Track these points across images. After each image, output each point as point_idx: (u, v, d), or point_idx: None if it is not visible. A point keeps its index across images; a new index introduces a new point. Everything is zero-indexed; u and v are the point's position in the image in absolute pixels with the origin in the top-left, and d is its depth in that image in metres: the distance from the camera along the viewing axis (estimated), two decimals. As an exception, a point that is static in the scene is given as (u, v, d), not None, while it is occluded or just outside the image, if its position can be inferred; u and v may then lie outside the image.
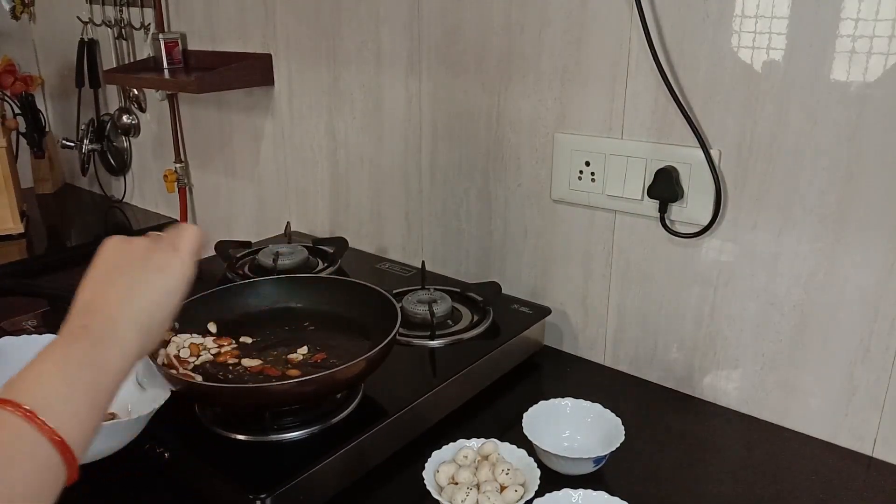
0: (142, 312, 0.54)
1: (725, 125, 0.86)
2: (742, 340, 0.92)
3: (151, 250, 0.58)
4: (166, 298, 0.56)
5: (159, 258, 0.57)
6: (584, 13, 0.95)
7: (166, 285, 0.56)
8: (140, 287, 0.55)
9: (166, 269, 0.57)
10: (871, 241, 0.79)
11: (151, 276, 0.56)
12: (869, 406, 0.84)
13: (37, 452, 0.44)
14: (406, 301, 1.03)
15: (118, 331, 0.52)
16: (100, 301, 0.53)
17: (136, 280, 0.55)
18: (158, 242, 0.59)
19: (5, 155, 1.63)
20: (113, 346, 0.51)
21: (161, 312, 0.55)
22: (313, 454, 0.74)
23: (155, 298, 0.55)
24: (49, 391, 0.46)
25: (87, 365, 0.49)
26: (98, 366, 0.50)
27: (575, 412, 0.85)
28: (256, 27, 1.42)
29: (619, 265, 1.01)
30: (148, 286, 0.55)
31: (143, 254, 0.57)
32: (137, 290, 0.54)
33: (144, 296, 0.55)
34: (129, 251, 0.57)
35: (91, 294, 0.54)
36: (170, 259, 0.58)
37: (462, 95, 1.12)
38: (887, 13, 0.73)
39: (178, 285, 0.57)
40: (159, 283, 0.56)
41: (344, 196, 1.39)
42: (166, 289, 0.56)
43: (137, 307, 0.54)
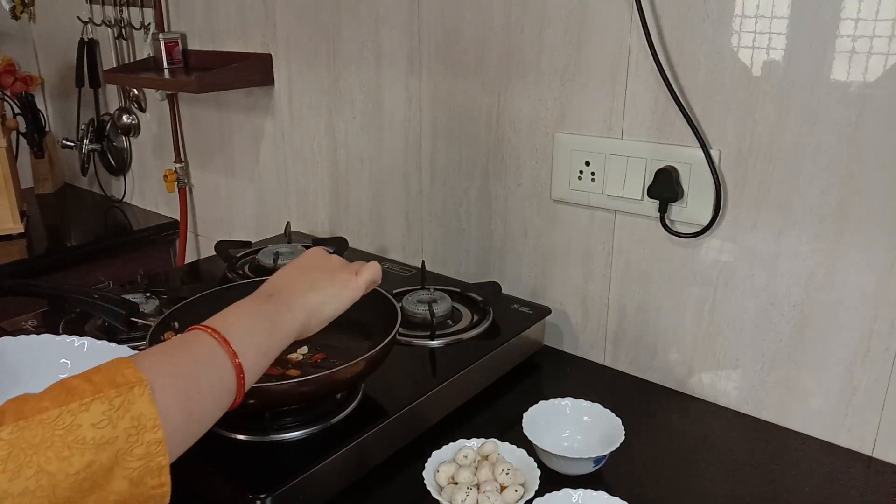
0: (314, 304, 0.67)
1: (725, 125, 0.86)
2: (742, 340, 0.92)
3: (341, 267, 0.73)
4: (332, 305, 0.69)
5: (343, 276, 0.71)
6: (584, 13, 0.95)
7: (338, 296, 0.70)
8: (321, 287, 0.69)
9: (343, 285, 0.71)
10: (871, 241, 0.79)
11: (332, 283, 0.70)
12: (869, 406, 0.84)
13: (221, 368, 0.56)
14: (406, 301, 1.03)
15: (293, 307, 0.66)
16: (288, 284, 0.69)
17: (320, 282, 0.69)
18: (348, 265, 0.74)
19: (5, 155, 1.63)
20: (287, 316, 0.64)
21: (325, 312, 0.69)
22: (313, 454, 0.74)
23: (327, 299, 0.69)
24: (238, 329, 0.59)
25: (268, 319, 0.63)
26: (274, 324, 0.63)
27: (575, 412, 0.85)
28: (256, 27, 1.42)
29: (619, 265, 1.01)
30: (325, 290, 0.69)
31: (335, 267, 0.73)
32: (316, 289, 0.69)
33: (321, 294, 0.68)
34: (325, 260, 0.74)
35: (284, 278, 0.70)
36: (349, 279, 0.71)
37: (462, 95, 1.12)
38: (887, 13, 0.73)
39: (345, 300, 0.70)
40: (333, 291, 0.70)
41: (344, 196, 1.39)
42: (336, 298, 0.70)
43: (313, 299, 0.68)
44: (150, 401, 0.47)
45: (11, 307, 1.12)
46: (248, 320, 0.61)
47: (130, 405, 0.46)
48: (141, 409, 0.47)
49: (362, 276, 0.73)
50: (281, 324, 0.64)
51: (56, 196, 2.06)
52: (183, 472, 0.77)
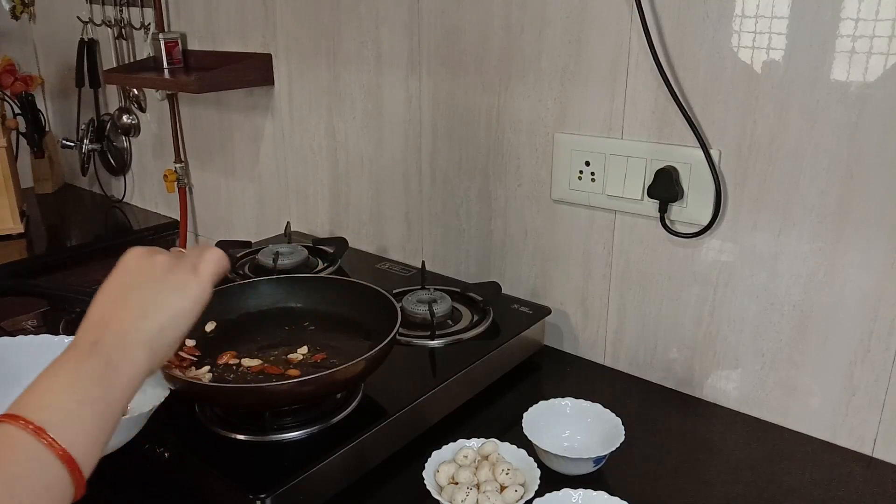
0: (152, 332, 0.53)
1: (725, 125, 0.86)
2: (742, 340, 0.92)
3: (171, 268, 0.57)
4: (178, 320, 0.55)
5: (177, 278, 0.57)
6: (584, 13, 0.95)
7: (180, 307, 0.56)
8: (153, 307, 0.54)
9: (182, 291, 0.56)
10: (870, 241, 0.79)
11: (166, 296, 0.55)
12: (869, 406, 0.84)
13: (45, 469, 0.44)
14: (406, 301, 1.03)
15: (128, 349, 0.52)
16: (112, 317, 0.53)
17: (151, 299, 0.55)
18: (180, 261, 0.58)
19: (5, 155, 1.63)
20: (122, 364, 0.51)
21: (172, 333, 0.55)
22: (313, 454, 0.74)
23: (167, 319, 0.55)
24: (58, 407, 0.46)
25: (97, 381, 0.49)
26: (108, 382, 0.49)
27: (575, 412, 0.85)
28: (256, 27, 1.42)
29: (619, 265, 1.01)
30: (161, 306, 0.55)
31: (162, 271, 0.57)
32: (150, 310, 0.54)
33: (156, 316, 0.54)
34: (148, 266, 0.57)
35: (105, 308, 0.54)
36: (188, 280, 0.57)
37: (462, 95, 1.12)
38: (887, 13, 0.73)
39: (192, 308, 0.57)
40: (173, 303, 0.55)
41: (344, 196, 1.39)
42: (179, 310, 0.56)
43: (148, 327, 0.53)
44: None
45: (11, 307, 1.12)
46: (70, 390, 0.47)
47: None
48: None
49: (204, 270, 0.58)
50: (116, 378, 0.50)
51: (56, 196, 2.06)
52: (183, 472, 0.78)
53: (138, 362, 0.52)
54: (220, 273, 0.60)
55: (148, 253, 0.58)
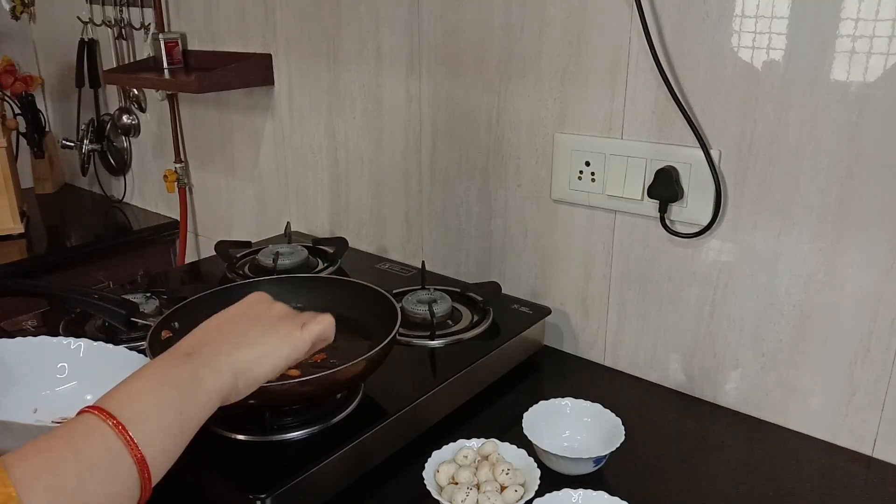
0: (243, 363, 0.56)
1: (725, 125, 0.86)
2: (742, 340, 0.92)
3: (283, 318, 0.62)
4: (269, 362, 0.59)
5: (286, 328, 0.61)
6: (584, 13, 0.95)
7: (276, 352, 0.59)
8: (254, 342, 0.58)
9: (284, 340, 0.60)
10: (871, 241, 0.79)
11: (269, 338, 0.59)
12: (869, 406, 0.84)
13: (119, 464, 0.45)
14: (406, 301, 1.03)
15: (216, 369, 0.54)
16: (213, 339, 0.57)
17: (255, 336, 0.59)
18: (294, 316, 0.63)
19: (5, 155, 1.63)
20: (206, 380, 0.53)
21: (259, 371, 0.58)
22: (313, 454, 0.74)
23: (260, 357, 0.58)
24: (140, 407, 0.48)
25: (180, 389, 0.51)
26: (189, 393, 0.52)
27: (575, 412, 0.85)
28: (256, 27, 1.42)
29: (619, 265, 1.01)
30: (261, 345, 0.58)
31: (275, 318, 0.62)
32: (250, 344, 0.58)
33: (252, 351, 0.57)
34: (265, 309, 0.63)
35: (211, 330, 0.59)
36: (292, 333, 0.61)
37: (462, 95, 1.12)
38: (887, 13, 0.73)
39: (285, 357, 0.60)
40: (271, 347, 0.59)
41: (344, 196, 1.39)
42: (274, 355, 0.59)
43: (241, 357, 0.56)
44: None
45: (11, 307, 1.12)
46: (154, 393, 0.50)
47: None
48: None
49: (309, 329, 0.62)
50: (199, 391, 0.52)
51: (56, 196, 2.06)
52: (183, 472, 0.77)
53: (221, 383, 0.54)
54: (323, 339, 0.64)
55: (270, 299, 0.65)
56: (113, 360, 0.85)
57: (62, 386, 0.83)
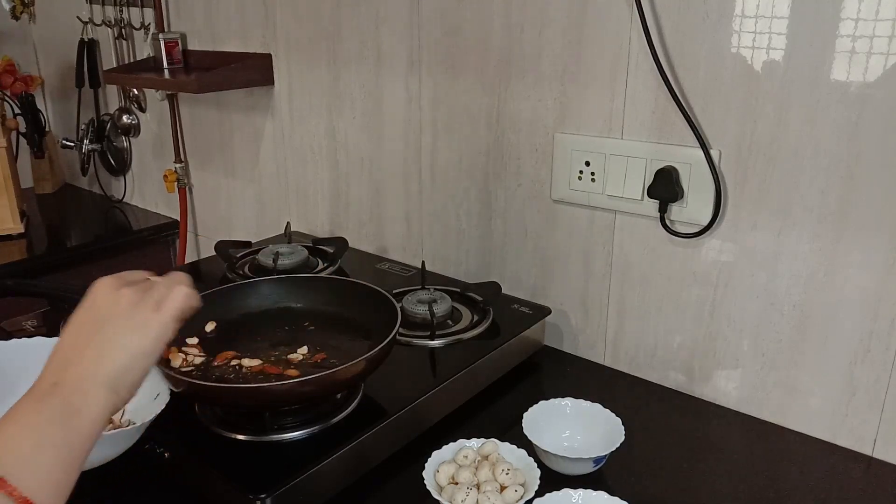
0: (113, 374, 0.54)
1: (725, 125, 0.86)
2: (742, 340, 0.92)
3: (134, 305, 0.57)
4: (139, 361, 0.55)
5: (140, 318, 0.56)
6: (584, 13, 0.95)
7: (140, 347, 0.56)
8: (114, 348, 0.55)
9: (143, 331, 0.56)
10: (871, 241, 0.79)
11: (127, 336, 0.55)
12: (869, 406, 0.84)
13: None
14: (406, 301, 1.03)
15: (88, 392, 0.52)
16: (73, 359, 0.54)
17: (111, 340, 0.55)
18: (145, 296, 0.58)
19: (5, 155, 1.63)
20: (83, 407, 0.51)
21: (133, 374, 0.55)
22: (313, 454, 0.74)
23: (127, 361, 0.55)
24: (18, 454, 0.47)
25: (58, 424, 0.49)
26: (68, 425, 0.50)
27: (575, 412, 0.85)
28: (256, 27, 1.42)
29: (619, 265, 1.01)
30: (122, 347, 0.55)
31: (126, 308, 0.57)
32: (110, 351, 0.54)
33: (117, 357, 0.54)
34: (112, 302, 0.57)
35: (67, 350, 0.55)
36: (150, 320, 0.57)
37: (462, 95, 1.12)
38: (887, 13, 0.73)
39: (152, 348, 0.57)
40: (133, 344, 0.55)
41: (344, 196, 1.39)
42: (140, 351, 0.56)
43: (108, 369, 0.53)
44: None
45: (11, 307, 1.12)
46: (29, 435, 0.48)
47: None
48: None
49: (166, 309, 0.58)
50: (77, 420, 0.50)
51: (56, 196, 2.06)
52: (183, 472, 0.78)
53: (99, 404, 0.52)
54: (185, 310, 0.60)
55: (114, 286, 0.58)
56: None
57: None
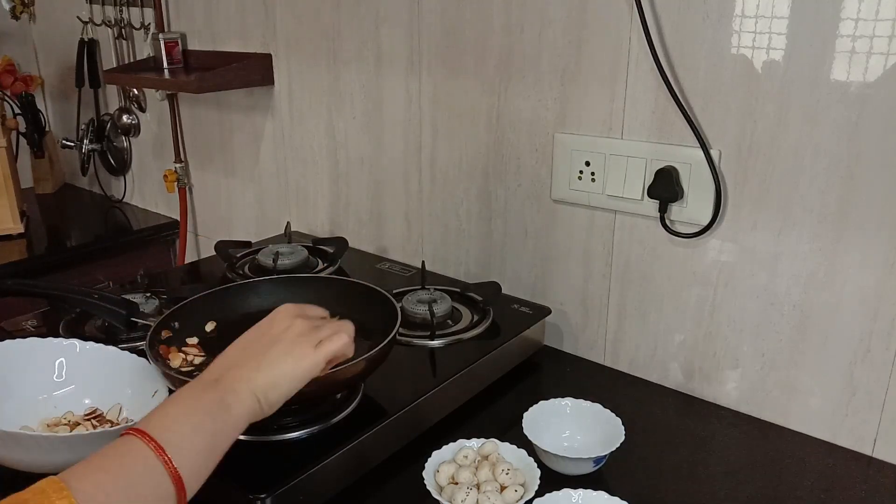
0: (263, 386, 0.62)
1: (725, 125, 0.86)
2: (742, 340, 0.92)
3: (299, 338, 0.66)
4: (287, 383, 0.63)
5: (301, 350, 0.65)
6: (584, 13, 0.95)
7: (292, 374, 0.64)
8: (271, 366, 0.63)
9: (297, 360, 0.64)
10: (871, 241, 0.79)
11: (286, 361, 0.64)
12: (869, 406, 0.84)
13: (157, 483, 0.52)
14: (406, 301, 1.03)
15: (239, 394, 0.60)
16: (236, 364, 0.63)
17: (271, 358, 0.63)
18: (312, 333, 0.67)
19: (5, 155, 1.63)
20: (233, 405, 0.59)
21: (278, 392, 0.63)
22: (313, 454, 0.74)
23: (277, 379, 0.63)
24: (178, 431, 0.54)
25: (211, 414, 0.57)
26: (219, 418, 0.58)
27: (575, 412, 0.85)
28: (256, 27, 1.42)
29: (619, 265, 1.01)
30: (277, 368, 0.63)
31: (293, 337, 0.66)
32: (268, 367, 0.63)
33: (270, 374, 0.62)
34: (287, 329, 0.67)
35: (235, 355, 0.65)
36: (307, 354, 0.65)
37: (462, 95, 1.12)
38: (887, 13, 0.73)
39: (301, 378, 0.64)
40: (288, 369, 0.63)
41: (344, 196, 1.39)
42: (290, 376, 0.64)
43: (261, 381, 0.62)
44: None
45: (11, 307, 1.12)
46: (188, 417, 0.56)
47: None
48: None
49: (323, 349, 0.66)
50: (227, 416, 0.59)
51: (56, 196, 2.06)
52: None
53: (246, 407, 0.60)
54: (339, 356, 0.68)
55: (293, 315, 0.68)
56: (108, 360, 0.85)
57: (60, 390, 0.83)
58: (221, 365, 0.63)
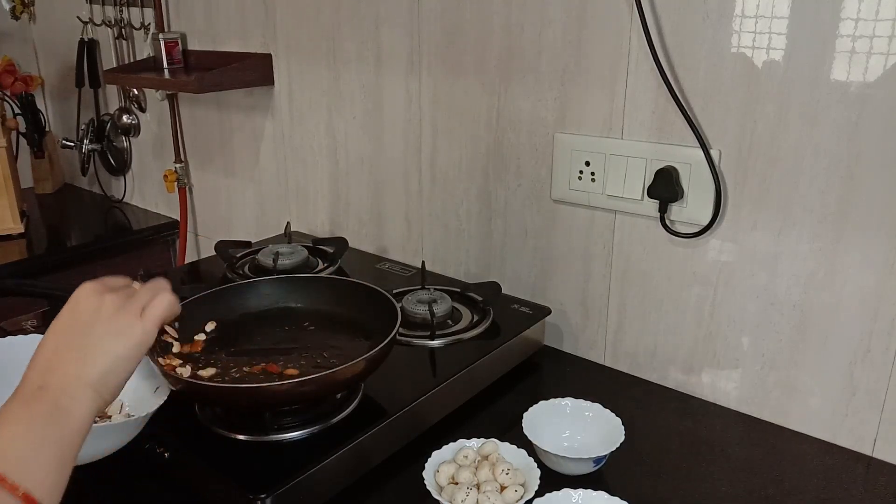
0: (95, 377, 0.55)
1: (725, 125, 0.86)
2: (742, 340, 0.92)
3: (117, 311, 0.58)
4: (120, 365, 0.57)
5: (122, 323, 0.58)
6: (584, 13, 0.95)
7: (122, 352, 0.57)
8: (96, 352, 0.56)
9: (125, 336, 0.58)
10: (871, 241, 0.79)
11: (109, 341, 0.57)
12: (869, 406, 0.84)
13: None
14: (406, 301, 1.03)
15: (74, 393, 0.54)
16: (56, 363, 0.55)
17: (94, 344, 0.56)
18: (128, 303, 0.59)
19: (5, 155, 1.63)
20: (71, 407, 0.53)
21: (115, 377, 0.57)
22: (313, 454, 0.74)
23: (109, 365, 0.56)
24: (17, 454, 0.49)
25: (52, 424, 0.51)
26: (60, 424, 0.52)
27: (575, 412, 0.85)
28: (256, 27, 1.42)
29: (619, 265, 1.01)
30: (104, 352, 0.56)
31: (109, 313, 0.58)
32: (93, 356, 0.56)
33: (99, 361, 0.56)
34: (95, 308, 0.58)
35: (49, 353, 0.56)
36: (132, 325, 0.58)
37: (462, 95, 1.12)
38: (887, 13, 0.73)
39: (134, 353, 0.58)
40: (115, 349, 0.57)
41: (344, 196, 1.39)
42: (122, 355, 0.57)
43: (91, 372, 0.55)
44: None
45: (11, 307, 1.12)
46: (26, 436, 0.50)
47: None
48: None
49: (150, 315, 0.59)
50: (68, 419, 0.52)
51: (56, 196, 2.06)
52: (183, 472, 0.78)
53: (86, 404, 0.54)
54: (168, 317, 0.61)
55: (98, 291, 0.60)
56: None
57: None
58: (39, 369, 0.55)
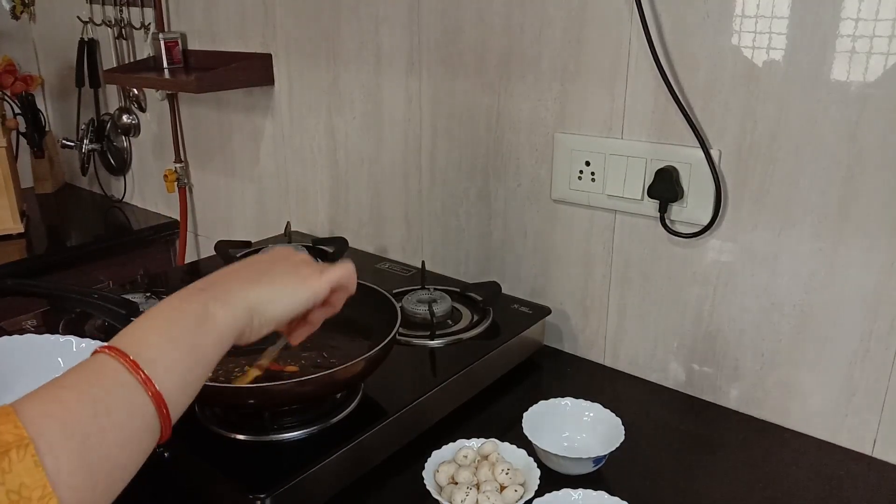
0: (257, 299, 0.55)
1: (725, 125, 0.86)
2: (742, 340, 0.92)
3: (304, 264, 0.62)
4: (284, 301, 0.58)
5: (306, 272, 0.61)
6: (584, 13, 0.95)
7: (293, 293, 0.59)
8: (272, 280, 0.57)
9: (302, 282, 0.60)
10: (871, 241, 0.79)
11: (289, 278, 0.59)
12: (869, 406, 0.84)
13: (135, 402, 0.45)
14: (406, 301, 1.03)
15: (229, 303, 0.53)
16: (230, 276, 0.56)
17: (274, 275, 0.58)
18: (314, 263, 0.63)
19: (5, 155, 1.63)
20: (219, 314, 0.52)
21: (272, 310, 0.56)
22: (313, 454, 0.74)
23: (276, 295, 0.57)
24: (154, 345, 0.47)
25: (192, 325, 0.50)
26: (202, 329, 0.50)
27: (575, 412, 0.85)
28: (256, 27, 1.42)
29: (618, 265, 1.01)
30: (276, 284, 0.58)
31: (297, 262, 0.61)
32: (266, 282, 0.57)
33: (269, 288, 0.57)
34: (286, 256, 0.62)
35: (230, 270, 0.57)
36: (311, 276, 0.61)
37: (462, 95, 1.12)
38: (887, 13, 0.73)
39: (303, 299, 0.59)
40: (288, 286, 0.58)
41: (344, 196, 1.39)
42: (291, 295, 0.58)
43: (256, 293, 0.55)
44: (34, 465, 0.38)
45: (11, 307, 1.12)
46: (165, 329, 0.49)
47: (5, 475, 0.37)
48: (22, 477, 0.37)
49: (329, 275, 0.62)
50: (210, 325, 0.51)
51: (56, 196, 2.06)
52: (183, 472, 0.78)
53: (234, 318, 0.53)
54: (343, 284, 0.64)
55: (293, 250, 0.64)
56: None
57: None
58: (208, 279, 0.55)
